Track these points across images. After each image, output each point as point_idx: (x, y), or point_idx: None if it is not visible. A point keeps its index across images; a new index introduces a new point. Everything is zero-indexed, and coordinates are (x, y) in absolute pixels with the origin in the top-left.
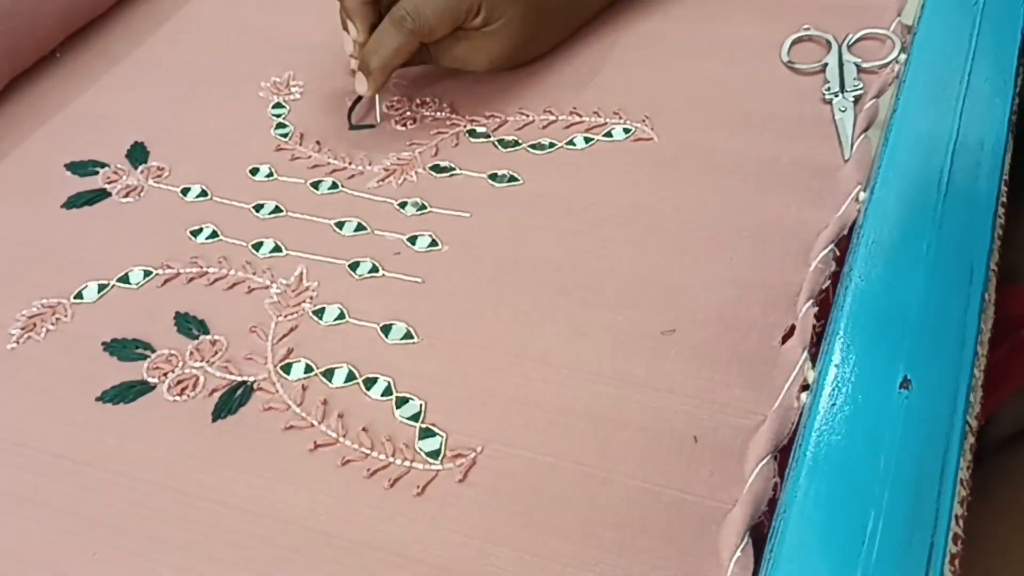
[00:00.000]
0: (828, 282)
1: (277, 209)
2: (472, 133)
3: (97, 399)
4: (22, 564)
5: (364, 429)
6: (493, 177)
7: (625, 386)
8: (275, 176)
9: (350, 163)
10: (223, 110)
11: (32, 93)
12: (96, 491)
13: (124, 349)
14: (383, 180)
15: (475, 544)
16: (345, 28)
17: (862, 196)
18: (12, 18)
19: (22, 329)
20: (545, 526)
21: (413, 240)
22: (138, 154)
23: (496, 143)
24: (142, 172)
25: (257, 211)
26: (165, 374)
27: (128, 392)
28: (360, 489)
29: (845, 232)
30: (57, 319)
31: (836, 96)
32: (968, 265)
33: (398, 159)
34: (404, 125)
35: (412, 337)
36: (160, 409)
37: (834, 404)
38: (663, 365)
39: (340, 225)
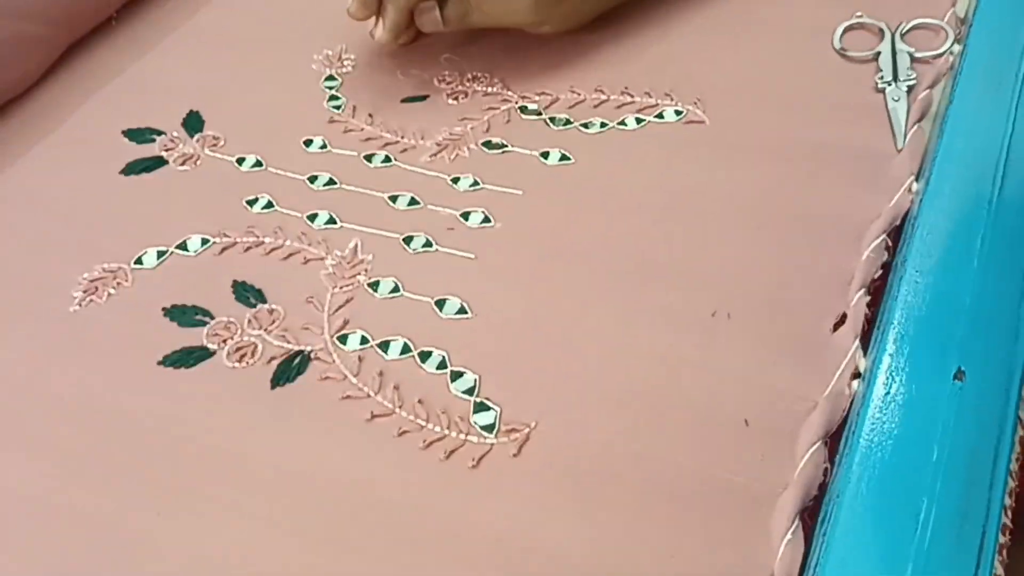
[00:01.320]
0: (880, 271)
1: (331, 181)
2: (524, 110)
3: (159, 363)
4: (86, 521)
5: (420, 401)
6: (545, 156)
7: (677, 367)
8: (328, 148)
9: (403, 137)
10: (277, 81)
11: (89, 60)
12: (157, 453)
13: (184, 315)
14: (435, 155)
15: (528, 517)
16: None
17: (915, 186)
18: None
19: (84, 292)
20: (597, 502)
21: (466, 216)
22: (194, 123)
23: (548, 121)
24: (198, 141)
25: (311, 183)
26: (224, 341)
27: (189, 357)
28: (416, 460)
29: (898, 222)
30: (118, 283)
31: (889, 85)
32: (1022, 258)
33: (450, 134)
34: (456, 100)
35: (466, 312)
36: (220, 375)
37: (888, 393)
38: (715, 347)
39: (393, 199)
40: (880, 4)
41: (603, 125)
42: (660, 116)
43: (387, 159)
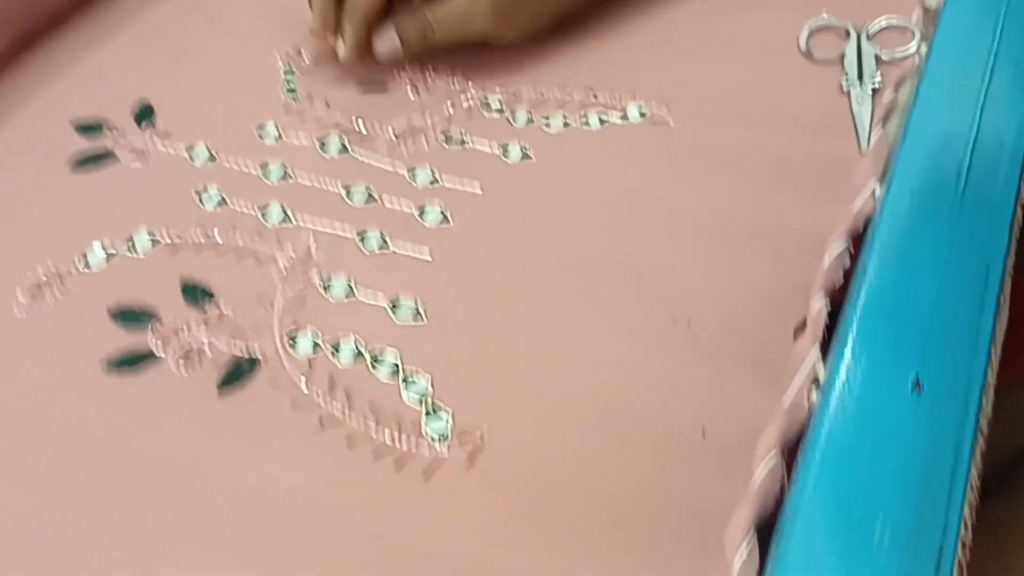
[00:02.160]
0: (842, 279)
1: (285, 174)
2: (486, 106)
3: (102, 368)
4: (25, 536)
5: (371, 409)
6: (505, 153)
7: (633, 378)
8: (283, 137)
9: (360, 125)
10: (233, 74)
11: (39, 53)
12: (102, 469)
13: (130, 317)
14: (394, 146)
15: (481, 537)
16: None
17: (878, 190)
18: None
19: (30, 297)
20: (551, 520)
21: (423, 213)
22: (145, 115)
23: (509, 118)
24: (149, 134)
25: (265, 175)
26: (171, 344)
27: (135, 361)
28: (367, 472)
29: (861, 227)
30: (64, 286)
31: (854, 87)
32: (984, 265)
33: (409, 125)
34: (416, 92)
35: (420, 317)
36: (166, 380)
37: (844, 404)
38: (673, 358)
39: (349, 193)
40: (847, 5)
41: (565, 124)
42: (624, 117)
43: (343, 148)
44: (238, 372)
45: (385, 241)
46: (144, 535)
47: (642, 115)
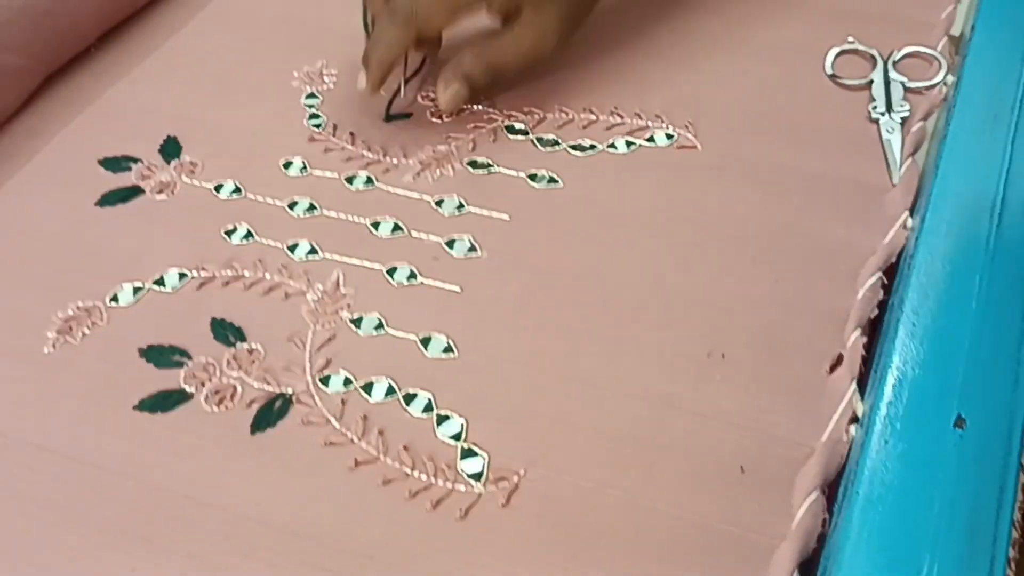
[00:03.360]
0: (876, 311)
1: (312, 207)
2: (510, 129)
3: (135, 407)
4: (58, 572)
5: (405, 447)
6: (532, 177)
7: (669, 410)
8: (309, 171)
9: (385, 155)
10: (255, 101)
11: (65, 88)
12: (134, 504)
13: (161, 356)
14: (419, 174)
15: (517, 573)
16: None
17: (910, 222)
18: (50, 17)
19: (58, 332)
20: (589, 557)
21: (451, 244)
22: (171, 149)
23: (535, 141)
24: (175, 168)
25: (291, 209)
26: (203, 383)
27: (166, 401)
28: (402, 511)
29: (893, 259)
30: (93, 323)
31: (883, 116)
32: (1022, 298)
33: (434, 152)
34: (440, 118)
35: (452, 351)
36: (198, 419)
37: (886, 441)
38: (708, 389)
39: (376, 226)
40: (872, 30)
41: (592, 147)
42: (651, 140)
43: (369, 181)
44: (270, 410)
45: (414, 274)
46: (176, 568)
47: (669, 137)
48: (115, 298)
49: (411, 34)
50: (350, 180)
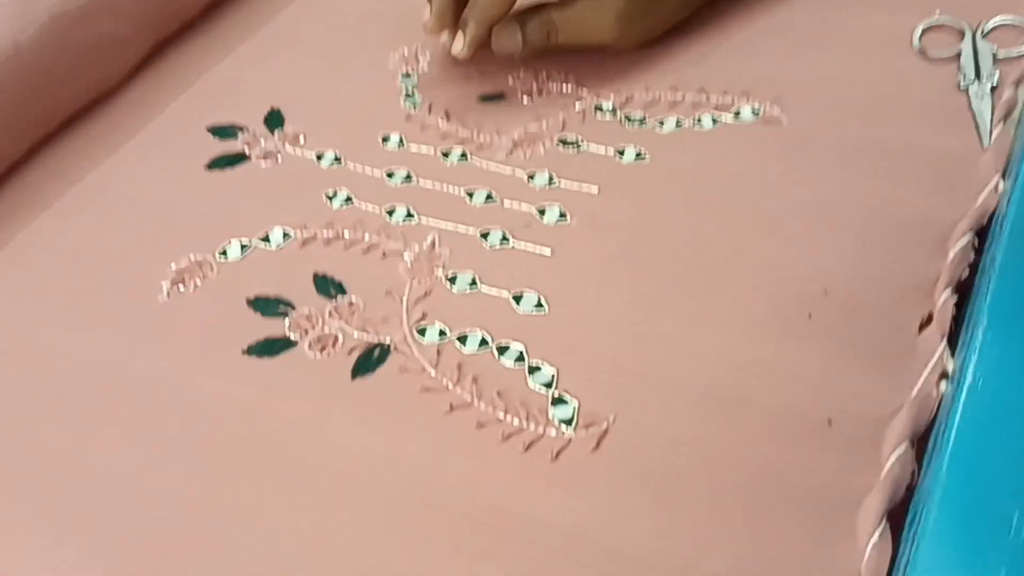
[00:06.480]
0: (967, 272)
1: (408, 177)
2: (599, 108)
3: (243, 352)
4: (172, 499)
5: (498, 394)
6: (620, 153)
7: (753, 370)
8: (406, 145)
9: (479, 134)
10: (354, 79)
11: (174, 61)
12: (241, 438)
13: (267, 306)
14: (511, 152)
15: (606, 515)
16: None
17: (1001, 185)
18: None
19: (172, 283)
20: (675, 503)
21: (542, 212)
22: (275, 120)
23: (623, 119)
24: (279, 138)
25: (389, 178)
26: (306, 331)
27: (272, 347)
28: (495, 453)
29: (984, 222)
30: (204, 275)
31: (972, 84)
32: None
33: (526, 132)
34: (531, 98)
35: (543, 307)
36: (302, 364)
37: (978, 395)
38: (793, 350)
39: (470, 195)
40: (959, 4)
41: (678, 124)
42: (737, 115)
43: (464, 156)
44: (369, 358)
45: (506, 237)
46: (282, 502)
47: (755, 114)
48: (224, 252)
49: None
50: (445, 155)
